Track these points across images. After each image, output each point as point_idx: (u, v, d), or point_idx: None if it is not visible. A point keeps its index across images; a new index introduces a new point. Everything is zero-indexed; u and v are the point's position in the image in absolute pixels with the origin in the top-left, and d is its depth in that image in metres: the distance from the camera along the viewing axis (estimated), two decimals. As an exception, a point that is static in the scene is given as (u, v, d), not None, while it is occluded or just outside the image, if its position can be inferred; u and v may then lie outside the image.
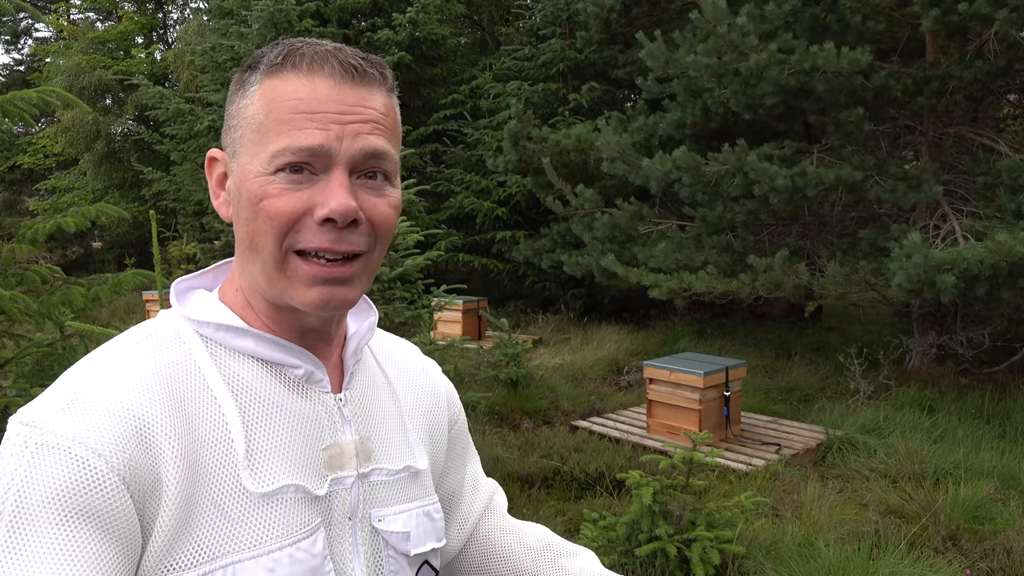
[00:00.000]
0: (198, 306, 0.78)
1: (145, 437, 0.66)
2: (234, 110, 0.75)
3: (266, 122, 0.71)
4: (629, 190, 8.73)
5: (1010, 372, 6.69)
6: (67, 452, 0.63)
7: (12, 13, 20.95)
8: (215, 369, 0.74)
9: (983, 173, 6.59)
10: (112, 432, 0.65)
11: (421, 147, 11.53)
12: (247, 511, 0.70)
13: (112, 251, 17.48)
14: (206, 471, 0.69)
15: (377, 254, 0.75)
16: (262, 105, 0.72)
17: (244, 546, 0.69)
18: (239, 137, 0.74)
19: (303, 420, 0.76)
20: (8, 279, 2.91)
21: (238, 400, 0.74)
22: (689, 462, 3.42)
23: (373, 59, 0.75)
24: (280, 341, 0.76)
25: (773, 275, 6.41)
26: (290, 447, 0.75)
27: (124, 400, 0.67)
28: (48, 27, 21.04)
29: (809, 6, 6.57)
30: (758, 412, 6.00)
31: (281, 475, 0.73)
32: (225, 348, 0.76)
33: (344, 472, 0.78)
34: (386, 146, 0.73)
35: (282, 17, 9.87)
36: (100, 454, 0.64)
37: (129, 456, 0.65)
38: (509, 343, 6.60)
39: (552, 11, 10.89)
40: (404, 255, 5.39)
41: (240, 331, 0.75)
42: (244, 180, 0.72)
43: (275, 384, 0.76)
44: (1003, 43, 6.15)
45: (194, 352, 0.74)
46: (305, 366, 0.77)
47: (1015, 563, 3.46)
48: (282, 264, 0.72)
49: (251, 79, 0.74)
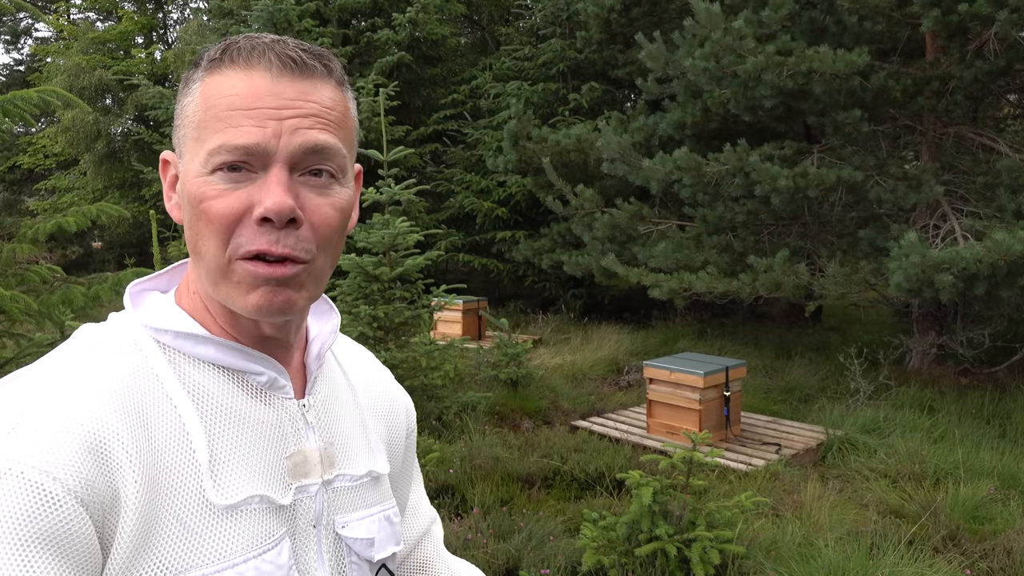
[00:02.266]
0: (154, 311, 0.74)
1: (101, 453, 0.63)
2: (179, 109, 0.73)
3: (204, 120, 0.68)
4: (629, 190, 8.73)
5: (1010, 372, 6.69)
6: (20, 477, 0.59)
7: (12, 13, 20.96)
8: (175, 378, 0.70)
9: (983, 173, 6.59)
10: (66, 452, 0.61)
11: (421, 147, 11.53)
12: (211, 524, 0.68)
13: (112, 251, 17.48)
14: (167, 484, 0.67)
15: (321, 260, 0.71)
16: (201, 102, 0.69)
17: (209, 559, 0.67)
18: (182, 137, 0.71)
19: (266, 428, 0.74)
20: (8, 279, 2.92)
21: (200, 409, 0.71)
22: (689, 462, 3.42)
23: (317, 50, 0.72)
24: (242, 348, 0.73)
25: (773, 275, 6.42)
26: (254, 456, 0.72)
27: (76, 415, 0.63)
28: (48, 27, 21.05)
29: (807, 9, 6.58)
30: (758, 412, 6.00)
31: (245, 486, 0.71)
32: (184, 356, 0.72)
33: (308, 480, 0.76)
34: (330, 140, 0.69)
35: (282, 17, 9.87)
36: (55, 477, 0.60)
37: (86, 476, 0.61)
38: (509, 343, 6.60)
39: (552, 11, 10.89)
40: (404, 255, 5.39)
41: (200, 338, 0.72)
42: (186, 181, 0.70)
43: (237, 392, 0.74)
44: (1003, 43, 6.15)
45: (151, 360, 0.70)
46: (268, 372, 0.75)
47: (1015, 563, 3.46)
48: (226, 270, 0.68)
49: (193, 76, 0.71)
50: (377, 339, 5.21)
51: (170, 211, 0.75)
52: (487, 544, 3.57)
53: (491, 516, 3.93)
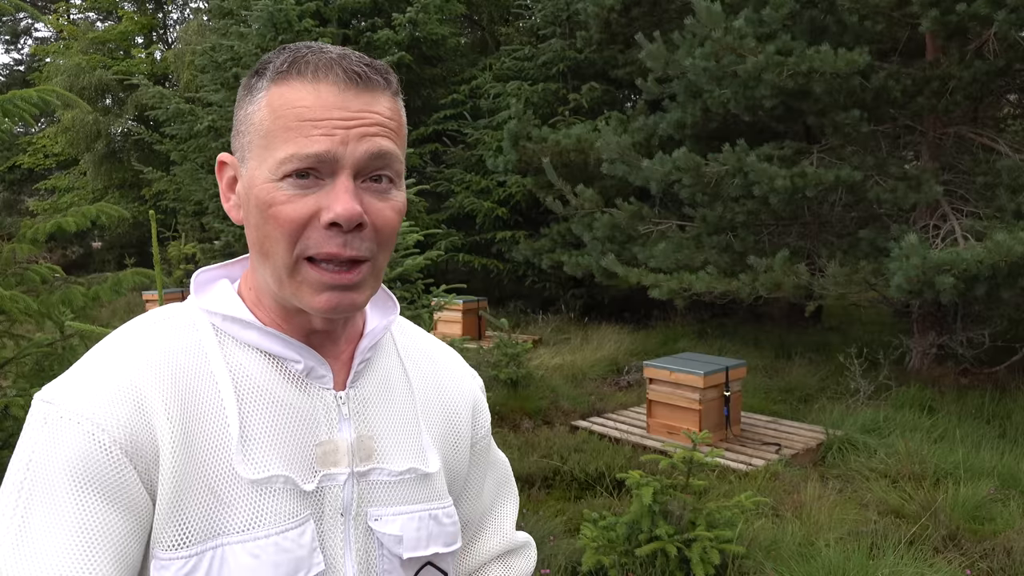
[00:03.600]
0: (215, 296, 0.82)
1: (145, 413, 0.71)
2: (242, 115, 0.77)
3: (273, 129, 0.73)
4: (629, 190, 8.72)
5: (1010, 372, 6.69)
6: (77, 426, 0.68)
7: (12, 13, 20.96)
8: (221, 357, 0.77)
9: (983, 173, 6.59)
10: (116, 408, 0.70)
11: (421, 147, 11.53)
12: (237, 495, 0.72)
13: (112, 251, 17.48)
14: (200, 451, 0.72)
15: (382, 258, 0.76)
16: (268, 112, 0.73)
17: (233, 529, 0.72)
18: (247, 143, 0.76)
19: (299, 414, 0.78)
20: (8, 279, 2.91)
21: (237, 388, 0.76)
22: (689, 462, 3.42)
23: (378, 65, 0.76)
24: (282, 336, 0.78)
25: (773, 275, 6.41)
26: (284, 439, 0.76)
27: (129, 378, 0.72)
28: (48, 27, 21.04)
29: (807, 8, 6.57)
30: (758, 412, 6.00)
31: (272, 464, 0.74)
32: (233, 339, 0.79)
33: (336, 469, 0.78)
34: (391, 147, 0.74)
35: (282, 17, 9.86)
36: (104, 428, 0.68)
37: (132, 431, 0.69)
38: (509, 343, 6.59)
39: (552, 11, 10.89)
40: (404, 255, 5.39)
41: (245, 323, 0.78)
42: (252, 186, 0.74)
43: (276, 376, 0.78)
44: (1003, 43, 6.15)
45: (204, 339, 0.78)
46: (305, 361, 0.79)
47: (1015, 563, 3.46)
48: (292, 269, 0.73)
49: (258, 85, 0.76)
50: (377, 339, 5.20)
51: (228, 211, 0.81)
52: (487, 544, 3.57)
53: (491, 516, 3.92)
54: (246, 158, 0.76)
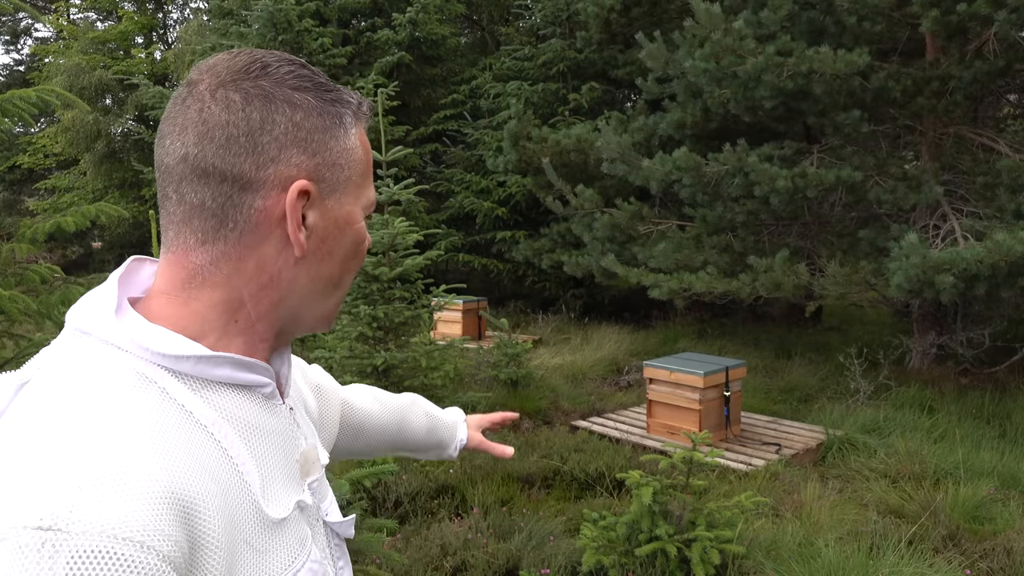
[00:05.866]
0: (152, 337, 0.67)
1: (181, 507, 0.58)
2: (336, 147, 0.73)
3: (365, 170, 0.78)
4: (629, 190, 8.72)
5: (1010, 372, 6.69)
6: (112, 557, 0.52)
7: (12, 13, 20.96)
8: (204, 405, 0.68)
9: (983, 173, 6.59)
10: (149, 514, 0.55)
11: (421, 147, 11.53)
12: (271, 540, 0.69)
13: (112, 251, 17.48)
14: (234, 513, 0.65)
15: None
16: (362, 153, 0.78)
17: (277, 571, 0.69)
18: (345, 178, 0.76)
19: (279, 436, 0.75)
20: (8, 279, 2.91)
21: (238, 431, 0.70)
22: (689, 462, 3.42)
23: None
24: (250, 361, 0.72)
25: (773, 275, 6.41)
26: (279, 465, 0.74)
27: (144, 467, 0.57)
28: (48, 27, 21.04)
29: (806, 9, 6.57)
30: (758, 412, 6.00)
31: (286, 495, 0.73)
32: (201, 380, 0.69)
33: (311, 477, 0.79)
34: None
35: (282, 17, 9.86)
36: (148, 546, 0.54)
37: (175, 538, 0.56)
38: (509, 343, 6.59)
39: (552, 11, 10.89)
40: (403, 255, 5.38)
41: (217, 359, 0.69)
42: (352, 222, 0.77)
43: (253, 406, 0.73)
44: (1003, 43, 6.15)
45: (171, 391, 0.66)
46: (271, 382, 0.75)
47: (1015, 563, 3.46)
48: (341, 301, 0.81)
49: (347, 121, 0.76)
50: (377, 339, 5.21)
51: (297, 241, 0.71)
52: (487, 544, 3.57)
53: (491, 516, 3.93)
54: (339, 191, 0.75)
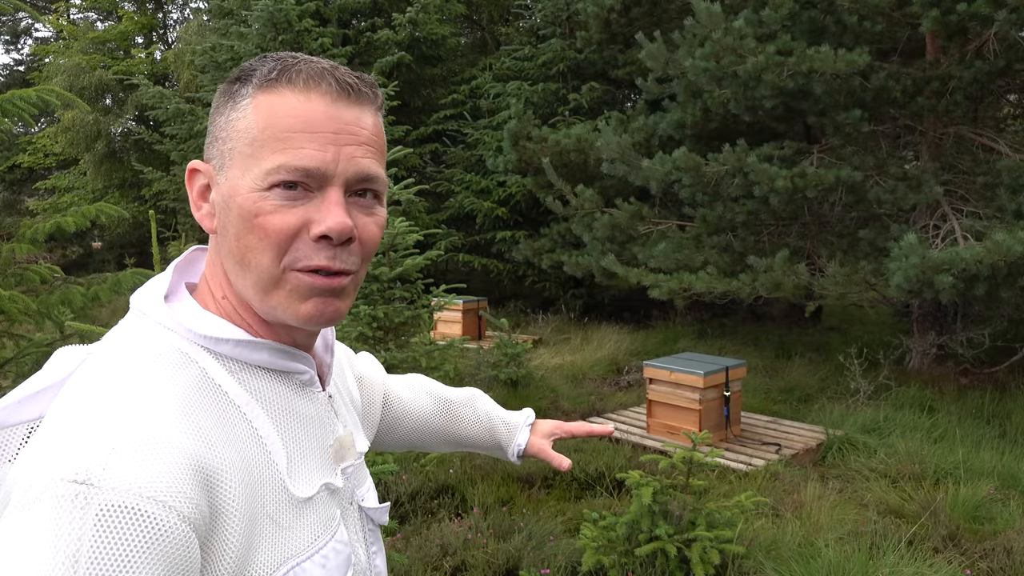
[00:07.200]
0: (199, 321, 0.74)
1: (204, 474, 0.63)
2: (222, 122, 0.74)
3: (260, 137, 0.70)
4: (629, 190, 8.72)
5: (1010, 372, 6.69)
6: (137, 513, 0.57)
7: (12, 13, 20.96)
8: (237, 385, 0.73)
9: (983, 173, 6.59)
10: (174, 478, 0.60)
11: (421, 147, 11.53)
12: (296, 517, 0.73)
13: (112, 251, 17.49)
14: (258, 488, 0.70)
15: (362, 273, 0.77)
16: (255, 120, 0.71)
17: (300, 550, 0.72)
18: (228, 150, 0.73)
19: (313, 422, 0.80)
20: (8, 279, 2.91)
21: (267, 411, 0.74)
22: (689, 462, 3.42)
23: (366, 78, 0.76)
24: (289, 349, 0.77)
25: (773, 275, 6.41)
26: (311, 449, 0.78)
27: (173, 436, 0.62)
28: (48, 27, 21.04)
29: (807, 9, 6.57)
30: (758, 412, 6.00)
31: (314, 476, 0.77)
32: (238, 363, 0.74)
33: (345, 462, 0.83)
34: (378, 169, 0.75)
35: (282, 17, 9.86)
36: (170, 506, 0.59)
37: (196, 502, 0.61)
38: (509, 343, 6.59)
39: (552, 11, 10.89)
40: (404, 255, 5.38)
41: (256, 344, 0.75)
42: (235, 195, 0.71)
43: (288, 391, 0.78)
44: (1003, 43, 6.15)
45: (209, 371, 0.72)
46: (309, 371, 0.80)
47: (1015, 563, 3.46)
48: (279, 279, 0.71)
49: (242, 92, 0.73)
50: (377, 339, 5.20)
51: (200, 219, 0.76)
52: (487, 544, 3.57)
53: (491, 516, 3.93)
54: (226, 166, 0.73)
